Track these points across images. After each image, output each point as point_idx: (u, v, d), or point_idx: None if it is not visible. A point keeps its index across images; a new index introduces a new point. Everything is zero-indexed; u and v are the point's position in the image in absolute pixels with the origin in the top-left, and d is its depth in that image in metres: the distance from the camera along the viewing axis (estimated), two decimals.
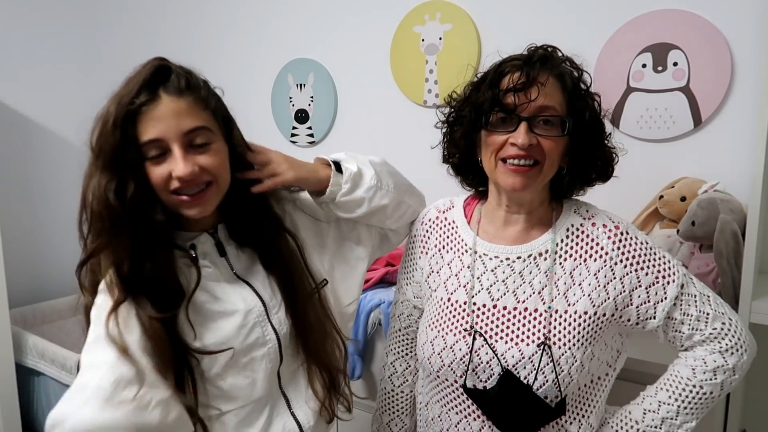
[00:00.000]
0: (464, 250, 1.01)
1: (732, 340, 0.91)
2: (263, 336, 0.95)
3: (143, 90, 0.85)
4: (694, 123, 1.46)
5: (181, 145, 0.85)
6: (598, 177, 0.98)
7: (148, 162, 0.85)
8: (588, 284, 0.93)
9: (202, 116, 0.88)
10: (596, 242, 0.94)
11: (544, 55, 0.91)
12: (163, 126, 0.84)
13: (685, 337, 0.93)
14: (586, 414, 0.96)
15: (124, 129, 0.83)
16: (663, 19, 1.46)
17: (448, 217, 1.07)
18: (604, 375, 0.97)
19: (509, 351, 0.93)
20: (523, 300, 0.95)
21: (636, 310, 0.93)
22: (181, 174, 0.84)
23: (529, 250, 0.96)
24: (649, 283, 0.92)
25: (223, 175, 0.91)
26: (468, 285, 0.99)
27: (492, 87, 0.91)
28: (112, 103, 0.85)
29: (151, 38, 2.57)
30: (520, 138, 0.87)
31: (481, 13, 1.75)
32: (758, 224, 1.08)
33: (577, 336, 0.91)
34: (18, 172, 2.52)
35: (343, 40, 2.03)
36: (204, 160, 0.87)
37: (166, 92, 0.86)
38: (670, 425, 0.92)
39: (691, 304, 0.92)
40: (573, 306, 0.92)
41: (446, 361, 0.96)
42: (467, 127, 0.95)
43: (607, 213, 0.98)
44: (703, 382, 0.91)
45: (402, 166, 1.96)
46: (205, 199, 0.89)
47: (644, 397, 0.96)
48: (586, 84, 0.95)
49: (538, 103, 0.88)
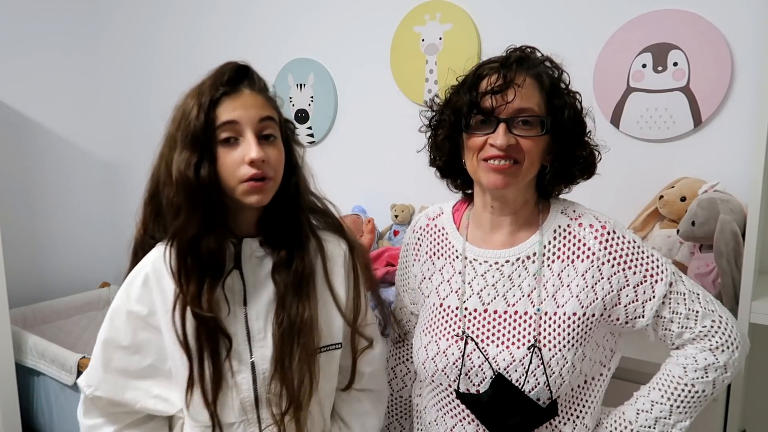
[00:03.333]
0: (455, 256, 1.02)
1: (722, 338, 0.91)
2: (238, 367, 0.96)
3: (227, 83, 0.94)
4: (694, 123, 1.46)
5: (254, 132, 0.92)
6: (580, 174, 0.98)
7: (220, 146, 0.92)
8: (576, 285, 0.93)
9: (272, 112, 0.97)
10: (583, 242, 0.94)
11: (521, 56, 0.92)
12: (241, 111, 0.92)
13: (675, 335, 0.93)
14: (581, 415, 0.96)
15: (207, 113, 0.91)
16: (663, 19, 1.46)
17: (437, 224, 1.07)
18: (598, 375, 0.97)
19: (500, 354, 0.93)
20: (513, 303, 0.95)
21: (624, 310, 0.93)
22: (254, 156, 0.89)
23: (517, 254, 0.96)
24: (637, 282, 0.92)
25: (279, 172, 0.96)
26: (459, 290, 0.99)
27: (470, 90, 0.92)
28: (193, 94, 0.94)
29: (151, 38, 2.56)
30: (498, 139, 0.88)
31: (481, 13, 1.75)
32: (758, 224, 1.08)
33: (567, 338, 0.91)
34: (18, 172, 2.52)
35: (343, 40, 2.04)
36: (270, 152, 0.93)
37: (246, 87, 0.96)
38: (664, 425, 0.92)
39: (680, 302, 0.92)
40: (562, 308, 0.92)
41: (440, 366, 0.97)
42: (449, 130, 0.96)
43: (594, 212, 0.97)
44: (695, 381, 0.91)
45: (402, 166, 1.96)
46: (266, 188, 0.93)
47: (637, 398, 0.96)
48: (565, 82, 0.95)
49: (515, 104, 0.88)
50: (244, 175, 0.91)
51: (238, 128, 0.92)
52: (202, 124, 0.90)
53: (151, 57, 2.57)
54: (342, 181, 2.12)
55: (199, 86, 0.95)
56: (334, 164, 2.13)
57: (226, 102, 0.92)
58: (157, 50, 2.55)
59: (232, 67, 0.97)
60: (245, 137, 0.92)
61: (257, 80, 0.99)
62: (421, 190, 1.88)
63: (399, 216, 1.87)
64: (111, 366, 0.97)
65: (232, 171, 0.91)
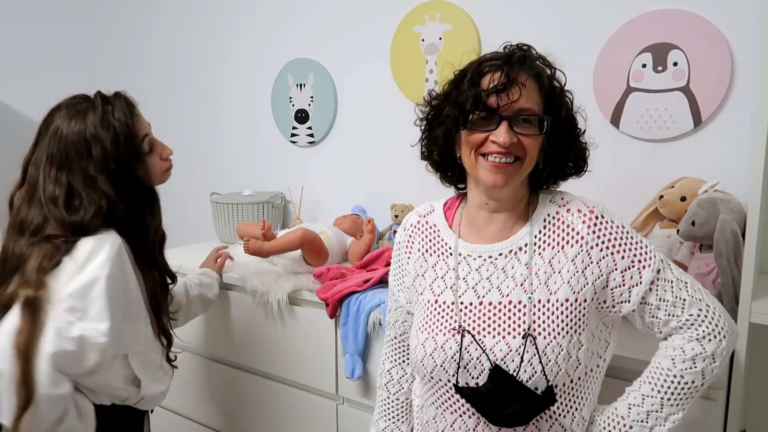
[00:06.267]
0: (449, 253, 1.02)
1: (709, 327, 0.91)
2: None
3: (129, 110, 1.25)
4: (694, 123, 1.46)
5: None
6: (574, 172, 1.00)
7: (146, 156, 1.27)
8: (567, 271, 0.93)
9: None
10: (572, 228, 0.95)
11: (523, 55, 0.93)
12: (146, 127, 1.28)
13: (662, 323, 0.93)
14: (579, 407, 0.96)
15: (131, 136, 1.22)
16: (663, 19, 1.46)
17: (429, 221, 1.08)
18: (595, 366, 0.98)
19: (497, 345, 0.93)
20: (507, 294, 0.96)
21: (611, 293, 0.94)
22: (170, 152, 1.34)
23: (509, 246, 0.97)
24: (624, 266, 0.93)
25: None
26: (454, 286, 1.00)
27: (473, 86, 0.92)
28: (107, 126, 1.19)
29: (151, 39, 2.56)
30: (501, 137, 0.89)
31: (481, 13, 1.75)
32: (758, 224, 1.08)
33: (561, 324, 0.92)
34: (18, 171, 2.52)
35: (343, 40, 2.04)
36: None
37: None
38: (657, 418, 0.92)
39: (667, 289, 0.92)
40: (554, 294, 0.93)
41: (438, 361, 0.97)
42: (449, 125, 0.96)
43: (582, 199, 0.99)
44: (684, 372, 0.91)
45: (402, 166, 1.96)
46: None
47: (629, 392, 0.97)
48: (560, 81, 0.97)
49: (519, 104, 0.89)
50: (168, 166, 1.31)
51: (150, 138, 1.25)
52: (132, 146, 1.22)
53: (150, 55, 2.58)
54: (342, 181, 2.12)
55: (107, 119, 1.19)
56: (334, 164, 2.13)
57: (136, 125, 1.23)
58: (157, 51, 2.55)
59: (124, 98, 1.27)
60: (155, 142, 1.29)
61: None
62: (421, 190, 1.88)
63: (399, 216, 1.87)
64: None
65: (161, 166, 1.29)
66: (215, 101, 2.41)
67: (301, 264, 1.70)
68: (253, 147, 2.34)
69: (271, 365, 1.71)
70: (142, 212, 1.21)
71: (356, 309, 1.47)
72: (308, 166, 2.19)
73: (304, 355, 1.63)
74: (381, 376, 1.19)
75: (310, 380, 1.64)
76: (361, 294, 1.50)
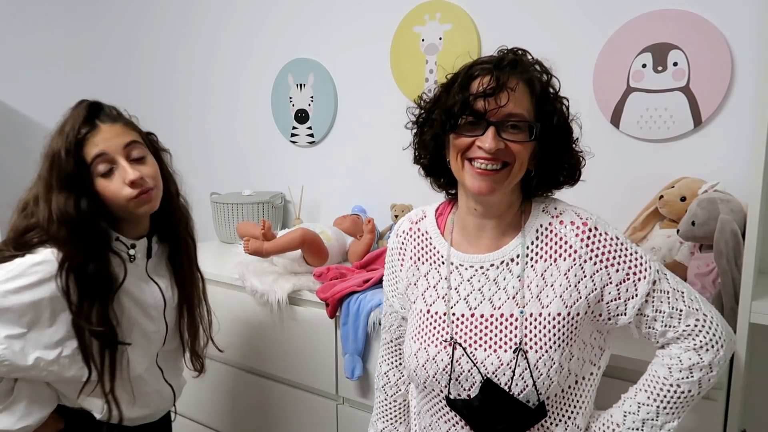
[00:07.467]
0: (441, 262, 1.01)
1: (707, 337, 0.90)
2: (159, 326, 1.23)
3: (85, 122, 1.07)
4: (694, 123, 1.46)
5: (124, 157, 1.09)
6: (566, 180, 0.97)
7: (100, 179, 1.07)
8: (559, 285, 0.92)
9: (133, 135, 1.12)
10: (565, 241, 0.93)
11: (514, 59, 0.91)
12: (105, 144, 1.07)
13: (659, 333, 0.92)
14: (572, 415, 0.95)
15: (75, 155, 1.05)
16: (663, 19, 1.46)
17: (421, 228, 1.06)
18: (589, 374, 0.97)
19: (488, 358, 0.92)
20: (499, 306, 0.94)
21: (607, 306, 0.92)
22: (132, 178, 1.07)
23: (501, 257, 0.95)
24: (620, 279, 0.91)
25: (159, 180, 1.15)
26: (446, 296, 0.98)
27: (462, 90, 0.90)
28: (56, 139, 1.07)
29: (151, 39, 2.56)
30: (487, 143, 0.87)
31: (481, 13, 1.75)
32: (758, 224, 1.08)
33: (553, 338, 0.90)
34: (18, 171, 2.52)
35: (343, 40, 2.04)
36: (144, 170, 1.11)
37: (102, 121, 1.09)
38: (652, 426, 0.92)
39: (664, 300, 0.91)
40: (546, 308, 0.92)
41: (430, 372, 0.96)
42: (437, 129, 0.94)
43: (576, 209, 0.96)
44: (680, 381, 0.91)
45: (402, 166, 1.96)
46: (153, 197, 1.13)
47: (624, 400, 0.96)
48: (554, 88, 0.94)
49: (507, 109, 0.87)
50: (130, 194, 1.08)
51: (109, 158, 1.07)
52: (72, 166, 1.04)
53: (150, 55, 2.58)
54: (342, 181, 2.12)
55: (60, 130, 1.07)
56: (334, 164, 2.14)
57: (89, 140, 1.06)
58: (157, 51, 2.55)
59: (84, 106, 1.09)
60: (119, 164, 1.08)
61: (109, 111, 1.12)
62: (421, 191, 1.87)
63: (399, 216, 1.87)
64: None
65: (118, 195, 1.08)
66: (215, 101, 2.41)
67: (301, 264, 1.71)
68: (253, 147, 2.34)
69: (271, 365, 1.71)
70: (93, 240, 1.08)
71: (356, 309, 1.48)
72: (308, 166, 2.19)
73: (304, 355, 1.63)
74: (378, 378, 1.19)
75: (310, 380, 1.64)
76: (361, 294, 1.50)
